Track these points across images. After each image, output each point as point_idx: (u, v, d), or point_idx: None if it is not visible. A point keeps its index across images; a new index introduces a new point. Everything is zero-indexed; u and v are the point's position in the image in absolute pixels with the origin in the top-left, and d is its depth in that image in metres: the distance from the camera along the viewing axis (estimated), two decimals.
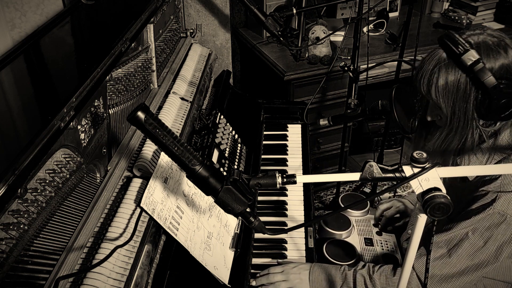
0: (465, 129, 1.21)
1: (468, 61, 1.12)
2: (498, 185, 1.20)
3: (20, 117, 1.10)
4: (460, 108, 1.19)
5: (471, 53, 1.13)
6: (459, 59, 1.14)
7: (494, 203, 1.19)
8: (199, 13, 2.62)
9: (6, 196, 0.84)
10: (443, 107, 1.21)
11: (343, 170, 2.77)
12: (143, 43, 1.63)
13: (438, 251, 1.26)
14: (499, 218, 1.18)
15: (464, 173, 1.16)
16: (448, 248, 1.24)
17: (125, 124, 1.46)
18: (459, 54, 1.13)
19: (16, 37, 1.52)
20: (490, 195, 1.21)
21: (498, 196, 1.19)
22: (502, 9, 3.01)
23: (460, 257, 1.23)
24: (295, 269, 1.37)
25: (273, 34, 1.84)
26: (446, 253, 1.24)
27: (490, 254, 1.21)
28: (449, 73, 1.17)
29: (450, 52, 1.16)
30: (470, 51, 1.13)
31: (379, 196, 2.47)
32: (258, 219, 1.00)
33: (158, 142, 0.90)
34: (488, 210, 1.19)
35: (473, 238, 1.21)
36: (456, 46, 1.14)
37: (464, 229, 1.22)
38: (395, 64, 2.47)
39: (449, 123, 1.23)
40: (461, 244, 1.22)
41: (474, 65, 1.12)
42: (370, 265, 1.35)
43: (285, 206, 1.68)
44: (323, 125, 1.75)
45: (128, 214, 1.16)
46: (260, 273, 1.40)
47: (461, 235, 1.23)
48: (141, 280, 1.07)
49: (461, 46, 1.14)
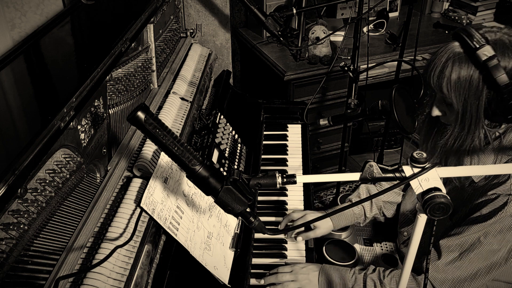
0: (478, 126, 1.19)
1: (483, 56, 1.10)
2: (508, 188, 1.19)
3: (20, 117, 1.10)
4: (472, 105, 1.16)
5: (487, 48, 1.10)
6: (474, 53, 1.11)
7: (506, 207, 1.17)
8: (199, 13, 2.62)
9: (6, 196, 0.84)
10: (454, 103, 1.18)
11: (343, 170, 2.77)
12: (143, 43, 1.63)
13: (450, 255, 1.25)
14: (511, 221, 1.17)
15: (464, 173, 1.16)
16: (460, 252, 1.23)
17: (125, 124, 1.46)
18: (474, 48, 1.11)
19: (16, 37, 1.51)
20: (501, 198, 1.19)
21: (509, 199, 1.18)
22: (502, 9, 3.01)
23: (473, 261, 1.22)
24: (304, 269, 1.37)
25: (273, 34, 1.84)
26: (458, 257, 1.23)
27: (502, 257, 1.20)
28: (462, 67, 1.14)
29: (465, 46, 1.14)
30: (486, 46, 1.10)
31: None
32: (258, 219, 1.00)
33: (158, 142, 0.90)
34: (500, 213, 1.18)
35: (485, 241, 1.19)
36: (472, 40, 1.12)
37: (476, 233, 1.21)
38: (395, 64, 2.48)
39: (461, 120, 1.20)
40: (473, 248, 1.21)
41: (489, 60, 1.09)
42: (381, 270, 1.34)
43: (285, 206, 1.68)
44: (323, 125, 1.75)
45: (128, 214, 1.16)
46: (269, 272, 1.39)
47: (473, 239, 1.21)
48: (141, 280, 1.07)
49: (477, 41, 1.11)
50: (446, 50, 1.18)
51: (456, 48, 1.16)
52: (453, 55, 1.16)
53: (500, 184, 1.21)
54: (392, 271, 1.33)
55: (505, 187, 1.20)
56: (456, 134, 1.23)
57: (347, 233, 1.70)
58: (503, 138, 1.23)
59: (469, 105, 1.16)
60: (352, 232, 1.72)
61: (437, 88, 1.21)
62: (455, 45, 1.17)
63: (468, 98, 1.16)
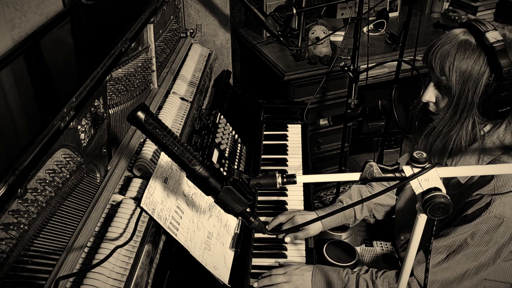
0: (469, 114, 1.19)
1: (491, 38, 1.10)
2: (492, 188, 1.19)
3: (20, 117, 1.10)
4: (470, 89, 1.16)
5: (495, 33, 1.11)
6: (482, 36, 1.12)
7: (490, 207, 1.17)
8: (199, 13, 2.62)
9: (6, 196, 0.84)
10: (453, 85, 1.18)
11: (343, 170, 2.77)
12: (143, 43, 1.63)
13: (438, 257, 1.25)
14: (496, 221, 1.17)
15: (464, 173, 1.16)
16: (448, 253, 1.23)
17: (125, 124, 1.46)
18: (483, 31, 1.12)
19: (16, 37, 1.51)
20: (484, 198, 1.19)
21: (492, 199, 1.18)
22: (502, 9, 3.01)
23: (460, 261, 1.22)
24: (297, 270, 1.37)
25: (273, 34, 1.84)
26: (446, 258, 1.24)
27: (490, 257, 1.20)
28: (468, 49, 1.15)
29: (474, 30, 1.15)
30: (494, 31, 1.12)
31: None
32: (258, 219, 1.00)
33: (158, 142, 0.90)
34: (484, 214, 1.18)
35: (472, 242, 1.20)
36: (481, 25, 1.13)
37: (463, 234, 1.21)
38: (395, 64, 2.48)
39: (455, 104, 1.20)
40: (460, 248, 1.21)
41: (496, 43, 1.10)
42: (373, 270, 1.34)
43: (285, 206, 1.68)
44: (323, 125, 1.75)
45: (128, 214, 1.16)
46: (262, 274, 1.39)
47: (460, 240, 1.22)
48: (141, 280, 1.07)
49: (486, 26, 1.13)
50: (452, 33, 1.19)
51: (462, 34, 1.17)
52: (459, 38, 1.17)
53: (485, 184, 1.21)
54: (384, 272, 1.32)
55: (489, 187, 1.20)
56: (447, 119, 1.23)
57: (347, 233, 1.70)
58: (487, 137, 1.23)
59: (466, 88, 1.16)
60: (352, 233, 1.72)
61: (438, 69, 1.20)
62: (461, 31, 1.18)
63: (467, 82, 1.16)
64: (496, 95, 1.13)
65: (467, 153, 1.25)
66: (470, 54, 1.15)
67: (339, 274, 1.35)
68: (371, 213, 1.65)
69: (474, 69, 1.14)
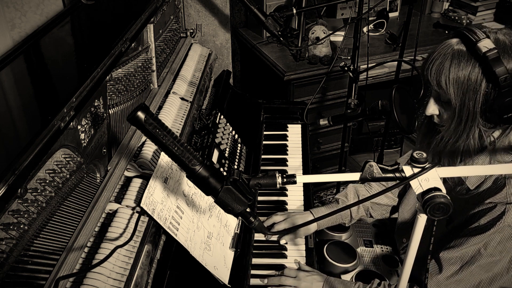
0: (474, 123, 1.17)
1: (483, 48, 1.09)
2: (504, 196, 1.17)
3: (20, 117, 1.10)
4: (470, 99, 1.14)
5: (487, 41, 1.10)
6: (474, 46, 1.10)
7: (504, 216, 1.16)
8: (199, 13, 2.62)
9: (6, 196, 0.84)
10: (452, 98, 1.16)
11: (343, 170, 2.77)
12: (143, 43, 1.63)
13: (451, 268, 1.23)
14: (510, 231, 1.16)
15: (464, 173, 1.15)
16: (461, 264, 1.22)
17: (125, 124, 1.46)
18: (475, 41, 1.10)
19: (16, 37, 1.51)
20: (498, 207, 1.17)
21: (507, 208, 1.16)
22: (502, 9, 3.01)
23: (474, 273, 1.20)
24: (308, 277, 1.36)
25: (273, 34, 1.85)
26: (459, 270, 1.22)
27: (503, 267, 1.19)
28: (461, 61, 1.13)
29: (466, 40, 1.13)
30: (486, 39, 1.10)
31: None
32: (258, 219, 1.00)
33: (158, 142, 0.90)
34: (499, 223, 1.16)
35: (485, 253, 1.18)
36: (473, 34, 1.12)
37: (476, 244, 1.19)
38: (395, 64, 2.48)
39: (458, 116, 1.18)
40: (473, 260, 1.20)
41: (489, 52, 1.08)
42: (386, 283, 1.33)
43: (285, 206, 1.68)
44: (323, 125, 1.75)
45: (128, 214, 1.16)
46: (275, 272, 1.39)
47: (473, 251, 1.20)
48: (141, 280, 1.07)
49: (477, 35, 1.11)
50: (445, 45, 1.18)
51: (455, 44, 1.16)
52: (452, 49, 1.15)
53: (497, 192, 1.19)
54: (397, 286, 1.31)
55: (501, 195, 1.18)
56: (452, 130, 1.21)
57: (347, 234, 1.70)
58: (498, 143, 1.21)
59: (466, 99, 1.15)
60: (352, 233, 1.72)
61: (434, 83, 1.19)
62: (455, 41, 1.17)
63: (466, 93, 1.14)
64: (497, 102, 1.12)
65: (478, 160, 1.23)
66: (464, 66, 1.13)
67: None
68: (367, 212, 1.65)
69: (471, 80, 1.13)
